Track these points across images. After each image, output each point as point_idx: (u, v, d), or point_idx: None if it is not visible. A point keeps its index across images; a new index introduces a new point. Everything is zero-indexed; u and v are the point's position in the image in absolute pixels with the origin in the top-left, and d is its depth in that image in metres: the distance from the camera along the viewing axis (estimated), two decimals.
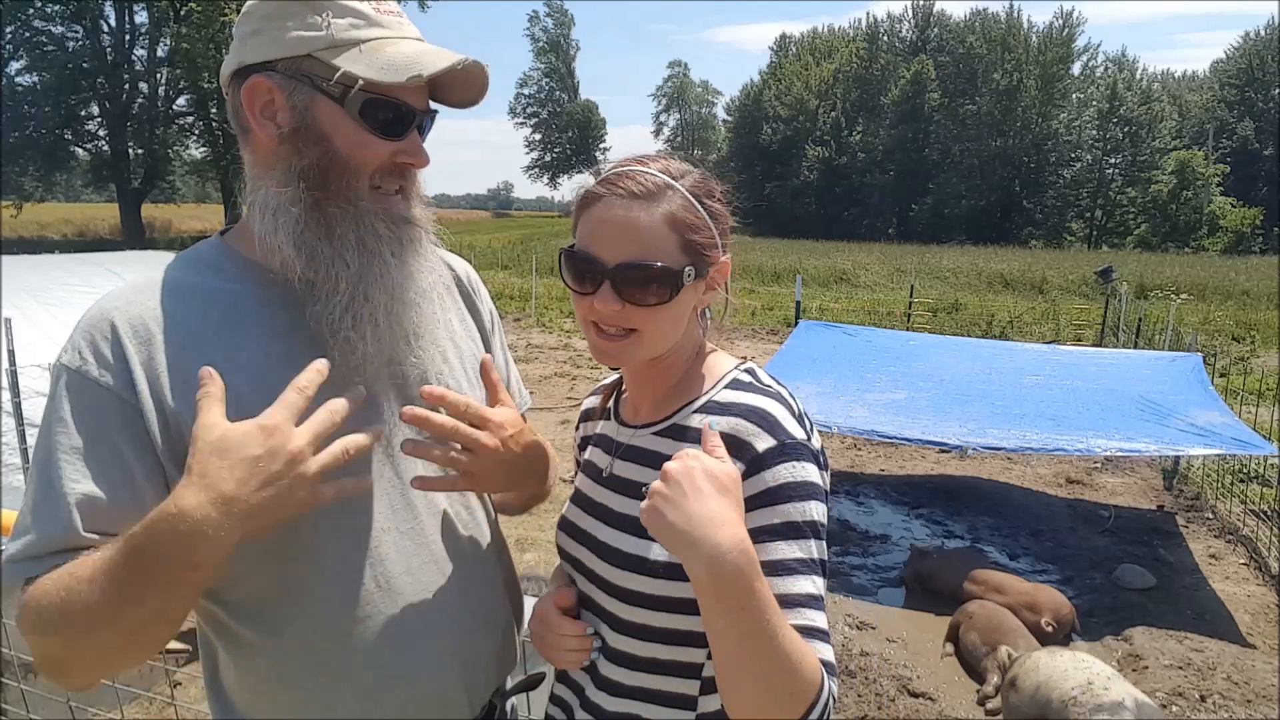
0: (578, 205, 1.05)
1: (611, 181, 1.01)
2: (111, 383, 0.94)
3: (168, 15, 28.48)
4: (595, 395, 1.28)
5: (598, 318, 1.03)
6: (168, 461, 0.95)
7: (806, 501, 0.96)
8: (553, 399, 9.30)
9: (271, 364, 1.00)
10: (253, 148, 1.04)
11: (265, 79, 1.00)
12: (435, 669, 1.10)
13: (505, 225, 59.04)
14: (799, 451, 0.97)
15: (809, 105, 57.85)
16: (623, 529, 1.06)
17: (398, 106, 1.02)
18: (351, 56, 0.99)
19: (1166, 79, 59.02)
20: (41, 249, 20.53)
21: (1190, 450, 4.79)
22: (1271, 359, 12.54)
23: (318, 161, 1.00)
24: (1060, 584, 4.92)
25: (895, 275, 24.29)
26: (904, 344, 7.63)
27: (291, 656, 1.03)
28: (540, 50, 80.00)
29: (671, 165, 1.05)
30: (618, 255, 0.99)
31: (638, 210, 0.99)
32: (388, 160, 1.03)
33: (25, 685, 2.43)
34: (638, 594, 1.02)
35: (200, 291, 1.02)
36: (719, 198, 1.06)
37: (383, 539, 1.06)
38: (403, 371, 1.09)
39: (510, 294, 18.44)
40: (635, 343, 1.03)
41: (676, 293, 1.01)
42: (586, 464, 1.20)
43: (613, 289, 1.00)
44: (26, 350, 4.31)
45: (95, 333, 0.97)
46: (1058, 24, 51.63)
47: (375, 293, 1.02)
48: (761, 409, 1.00)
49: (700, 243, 1.02)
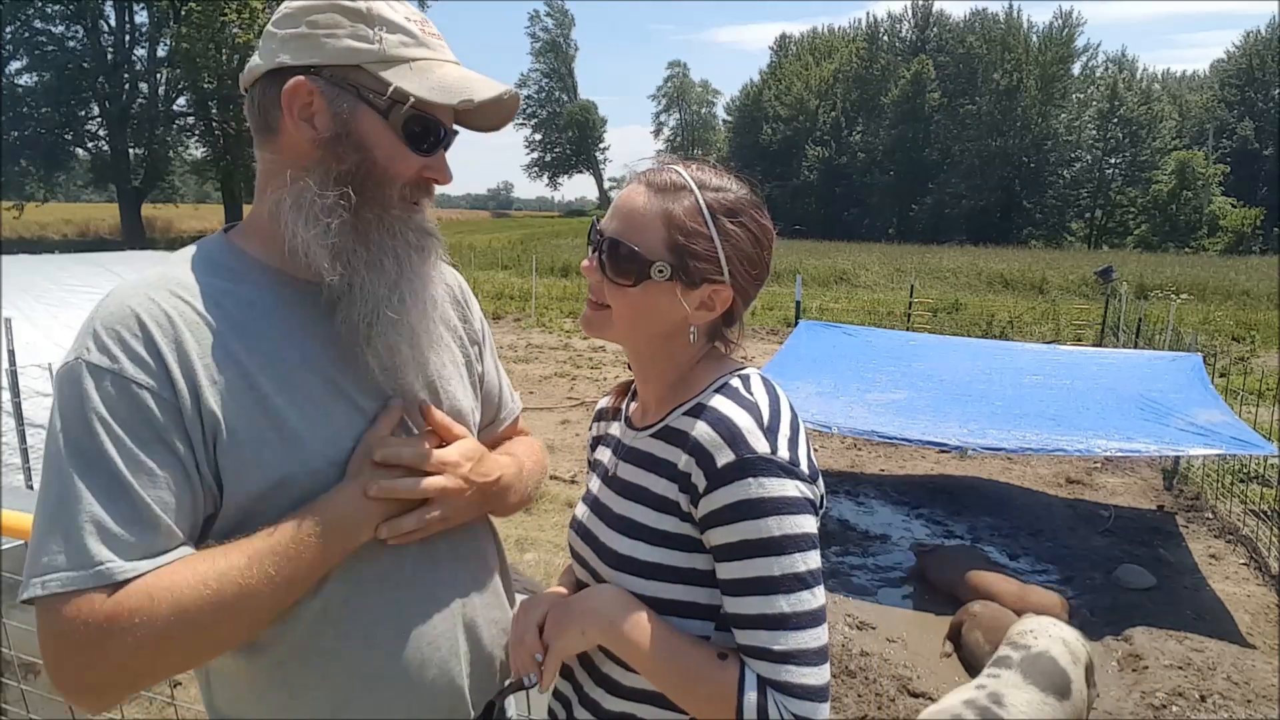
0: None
1: (647, 172, 1.08)
2: (150, 381, 0.93)
3: (168, 15, 28.47)
4: (610, 395, 1.30)
5: (586, 278, 1.10)
6: (202, 461, 0.95)
7: (765, 519, 0.94)
8: (553, 399, 9.30)
9: (290, 366, 1.01)
10: (279, 148, 1.04)
11: (309, 82, 1.00)
12: (440, 669, 1.10)
13: (505, 225, 59.02)
14: (758, 467, 0.95)
15: (809, 105, 57.85)
16: (617, 529, 1.08)
17: (436, 125, 1.05)
18: (401, 73, 1.00)
19: (1166, 79, 59.02)
20: (41, 249, 20.53)
21: (1190, 450, 4.79)
22: (1271, 359, 12.54)
23: (357, 169, 1.01)
24: (1060, 584, 4.93)
25: (895, 275, 24.27)
26: (904, 344, 7.63)
27: (295, 657, 1.03)
28: (540, 50, 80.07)
29: (709, 177, 1.06)
30: (609, 229, 1.06)
31: (645, 198, 1.04)
32: (416, 174, 1.06)
33: (25, 685, 2.43)
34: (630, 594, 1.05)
35: (215, 291, 1.01)
36: (744, 224, 1.05)
37: (376, 544, 1.06)
38: (427, 377, 1.13)
39: (510, 294, 18.42)
40: (607, 318, 1.08)
41: (640, 281, 1.03)
42: (596, 464, 1.24)
43: (595, 255, 1.07)
44: (26, 350, 4.31)
45: (123, 330, 0.94)
46: (1057, 24, 51.69)
47: (410, 299, 1.05)
48: (729, 419, 0.99)
49: (689, 248, 1.02)
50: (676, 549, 1.02)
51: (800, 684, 0.94)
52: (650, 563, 1.03)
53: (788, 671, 0.94)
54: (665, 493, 1.03)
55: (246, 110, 1.07)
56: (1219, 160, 47.29)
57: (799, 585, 0.94)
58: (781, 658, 0.94)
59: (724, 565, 0.98)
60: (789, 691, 0.94)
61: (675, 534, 1.02)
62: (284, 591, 0.96)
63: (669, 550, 1.02)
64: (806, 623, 0.94)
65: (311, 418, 1.01)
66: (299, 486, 0.99)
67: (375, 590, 1.05)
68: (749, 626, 0.96)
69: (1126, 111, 48.79)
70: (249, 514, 0.97)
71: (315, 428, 1.01)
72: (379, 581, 1.06)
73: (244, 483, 0.96)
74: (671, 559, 1.02)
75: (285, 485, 0.98)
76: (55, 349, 4.52)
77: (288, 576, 0.95)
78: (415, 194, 1.08)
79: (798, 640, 0.94)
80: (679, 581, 1.02)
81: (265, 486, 0.97)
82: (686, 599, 1.02)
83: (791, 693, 0.94)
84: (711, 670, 0.97)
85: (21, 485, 4.10)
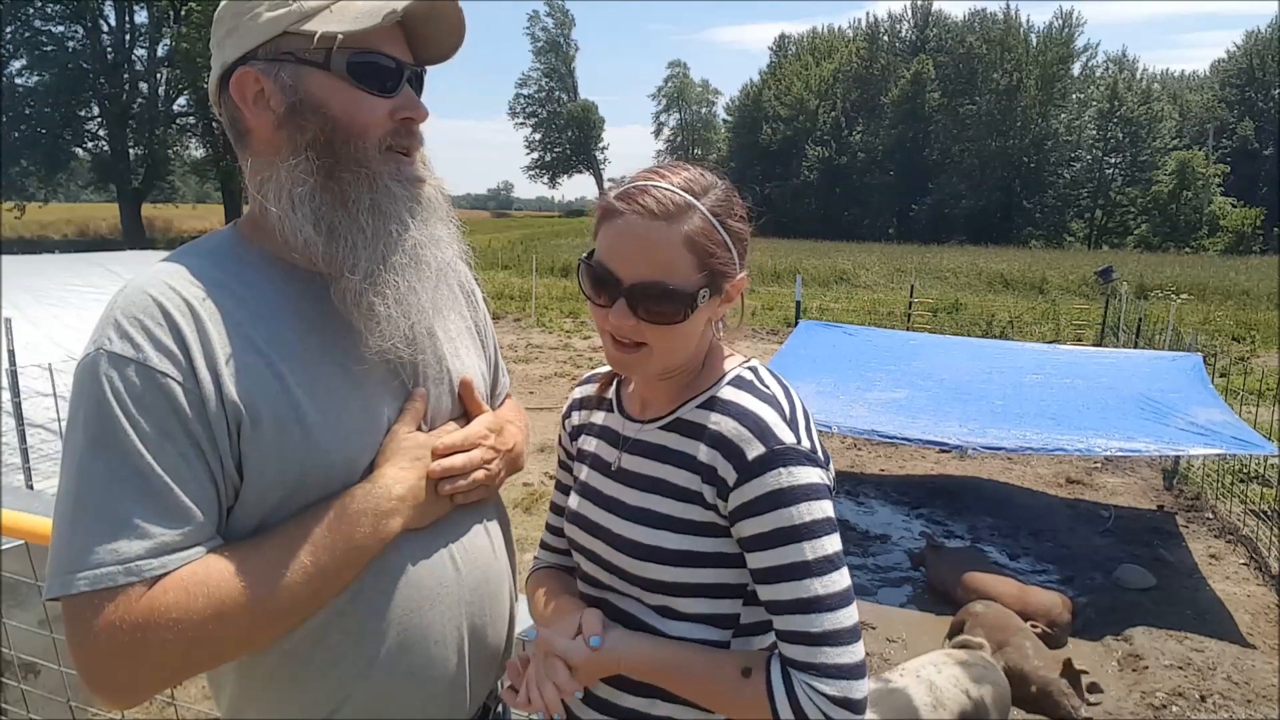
0: (599, 216, 1.05)
1: (633, 197, 1.01)
2: (174, 371, 0.91)
3: (168, 15, 28.51)
4: (589, 384, 1.29)
5: (613, 330, 1.04)
6: (225, 453, 0.94)
7: (796, 505, 0.97)
8: (553, 399, 9.30)
9: (311, 356, 1.00)
10: (253, 147, 1.03)
11: (249, 69, 0.99)
12: (446, 669, 1.10)
13: (505, 225, 59.01)
14: (788, 456, 0.99)
15: (809, 105, 57.82)
16: (636, 520, 1.08)
17: (382, 59, 1.01)
18: (324, 19, 0.98)
19: (1166, 79, 58.96)
20: (42, 249, 20.56)
21: (1191, 449, 4.79)
22: (1271, 359, 12.54)
23: (321, 131, 0.99)
24: (1060, 584, 4.93)
25: (895, 275, 24.28)
26: (904, 344, 7.63)
27: (301, 654, 1.02)
28: (540, 50, 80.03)
29: (695, 180, 1.04)
30: (634, 274, 1.00)
31: (656, 230, 0.99)
32: (387, 119, 1.02)
33: (25, 685, 2.43)
34: (659, 582, 1.06)
35: (232, 281, 1.00)
36: (740, 215, 1.06)
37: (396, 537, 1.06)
38: (436, 348, 1.12)
39: (510, 294, 18.41)
40: (648, 354, 1.05)
41: (691, 313, 1.02)
42: (592, 457, 1.20)
43: (628, 305, 1.01)
44: (26, 350, 4.31)
45: (146, 319, 0.93)
46: (1057, 24, 51.68)
47: (395, 256, 1.02)
48: (754, 414, 1.03)
49: (717, 264, 1.02)
50: (704, 535, 1.04)
51: (837, 664, 0.96)
52: (679, 550, 1.05)
53: (824, 653, 0.96)
54: (687, 484, 1.05)
55: (224, 127, 1.07)
56: (1219, 160, 47.26)
57: (830, 567, 0.97)
58: (819, 640, 0.96)
59: (756, 555, 1.00)
60: (826, 673, 0.95)
61: (701, 521, 1.04)
62: (319, 584, 0.95)
63: (696, 537, 1.04)
64: (839, 603, 0.97)
65: (330, 410, 1.00)
66: (316, 478, 0.98)
67: (382, 585, 1.05)
68: (785, 612, 0.98)
69: (1126, 111, 48.77)
70: (266, 505, 0.97)
71: (334, 419, 1.00)
72: (386, 576, 1.05)
73: (265, 473, 0.96)
74: (700, 545, 1.04)
75: (304, 477, 0.97)
76: (55, 349, 4.52)
77: (324, 568, 0.95)
78: (398, 140, 1.04)
79: (833, 620, 0.96)
80: (709, 566, 1.05)
81: (284, 478, 0.96)
82: (716, 581, 1.05)
83: (829, 674, 0.95)
84: (739, 689, 1.00)
85: (21, 485, 4.10)
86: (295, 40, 0.99)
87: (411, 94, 1.05)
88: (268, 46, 0.99)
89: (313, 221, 0.99)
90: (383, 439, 1.04)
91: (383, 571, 1.05)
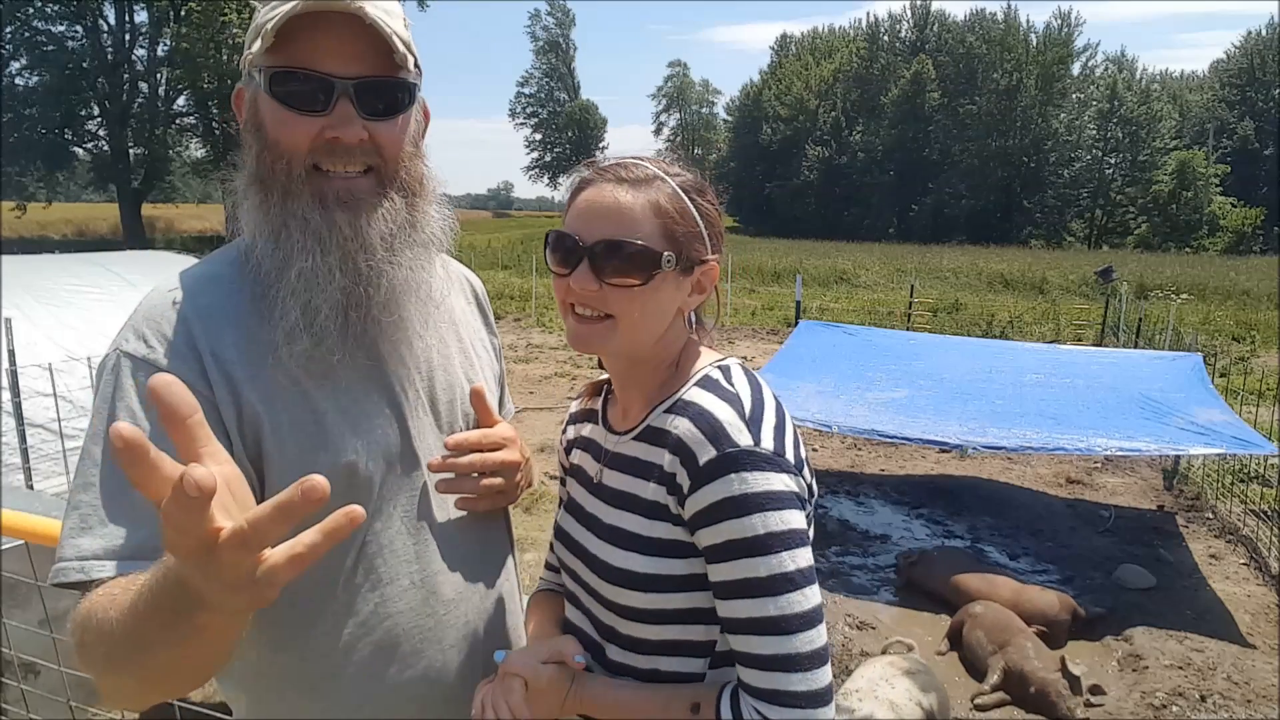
0: (570, 193, 1.04)
1: (604, 169, 1.01)
2: (185, 374, 0.89)
3: (168, 15, 28.45)
4: (580, 398, 1.26)
5: (575, 299, 1.00)
6: (241, 458, 0.93)
7: (750, 515, 0.90)
8: (553, 399, 9.30)
9: (328, 365, 1.01)
10: (242, 156, 1.05)
11: (241, 86, 1.03)
12: (453, 670, 1.11)
13: (505, 225, 59.01)
14: (741, 461, 0.91)
15: (809, 105, 57.84)
16: (609, 541, 1.03)
17: (304, 76, 0.95)
18: (257, 34, 0.96)
19: (1166, 79, 58.96)
20: (42, 249, 20.50)
21: (1191, 449, 4.79)
22: (1271, 359, 12.53)
23: (260, 150, 0.99)
24: (1060, 584, 4.92)
25: (895, 275, 24.28)
26: (904, 344, 7.63)
27: (313, 656, 1.03)
28: (541, 50, 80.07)
29: (670, 164, 1.04)
30: (597, 233, 0.98)
31: (623, 193, 0.98)
32: (319, 138, 0.97)
33: (25, 685, 2.43)
34: (628, 608, 1.00)
35: (255, 287, 1.01)
36: (711, 201, 1.05)
37: (402, 541, 1.07)
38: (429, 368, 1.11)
39: (510, 294, 18.42)
40: (611, 329, 1.00)
41: (653, 276, 0.98)
42: (577, 470, 1.17)
43: (590, 267, 0.97)
44: (26, 350, 4.31)
45: (163, 322, 0.95)
46: (1057, 24, 51.71)
47: (317, 280, 0.97)
48: (709, 413, 0.96)
49: (683, 233, 1.00)
50: (673, 556, 0.97)
51: (792, 690, 0.89)
52: (648, 574, 0.98)
53: (777, 678, 0.89)
54: (655, 497, 0.99)
55: None
56: (1219, 160, 47.31)
57: (788, 586, 0.90)
58: (771, 664, 0.89)
59: (713, 567, 0.93)
60: (780, 700, 0.89)
61: (669, 540, 0.97)
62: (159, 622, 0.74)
63: (665, 559, 0.97)
64: (797, 626, 0.89)
65: (349, 415, 1.01)
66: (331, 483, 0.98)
67: (399, 591, 1.05)
68: (739, 631, 0.92)
69: (1126, 111, 48.79)
70: None
71: (352, 426, 1.01)
72: (404, 582, 1.06)
73: (284, 480, 0.94)
74: (669, 568, 0.97)
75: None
76: (55, 349, 4.52)
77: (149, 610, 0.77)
78: (332, 160, 0.98)
79: (789, 644, 0.89)
80: (679, 590, 0.98)
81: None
82: (688, 606, 0.98)
83: (783, 701, 0.89)
84: (665, 700, 0.98)
85: (21, 485, 4.10)
86: (252, 58, 0.99)
87: (346, 111, 0.96)
88: (248, 64, 1.00)
89: (258, 234, 1.00)
90: (377, 448, 1.04)
91: (394, 575, 1.05)
